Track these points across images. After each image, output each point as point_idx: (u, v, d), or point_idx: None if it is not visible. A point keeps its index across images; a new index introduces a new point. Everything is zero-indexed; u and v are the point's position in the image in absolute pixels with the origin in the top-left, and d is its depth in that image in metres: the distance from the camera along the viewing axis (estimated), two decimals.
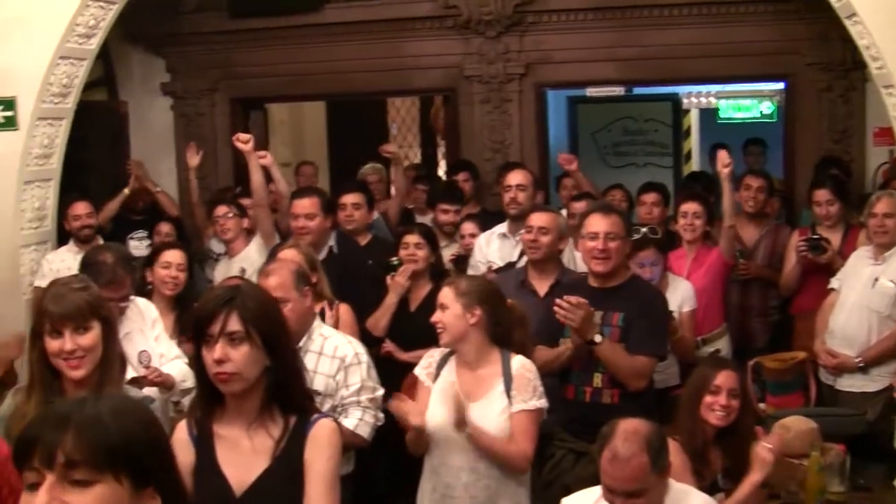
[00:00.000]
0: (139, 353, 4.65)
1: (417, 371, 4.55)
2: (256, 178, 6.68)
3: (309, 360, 4.36)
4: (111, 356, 3.48)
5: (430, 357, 4.53)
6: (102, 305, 3.49)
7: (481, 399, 4.28)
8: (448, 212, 7.25)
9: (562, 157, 8.01)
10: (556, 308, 4.68)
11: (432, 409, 4.32)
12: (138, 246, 7.51)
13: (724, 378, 4.26)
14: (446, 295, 4.37)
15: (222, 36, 9.20)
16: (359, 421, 4.40)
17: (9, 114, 6.98)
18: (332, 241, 6.39)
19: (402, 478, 5.60)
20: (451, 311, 4.31)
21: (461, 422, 4.09)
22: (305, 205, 6.25)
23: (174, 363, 4.67)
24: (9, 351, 5.17)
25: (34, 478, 1.78)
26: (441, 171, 12.47)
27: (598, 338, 4.68)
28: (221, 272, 6.78)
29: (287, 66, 9.19)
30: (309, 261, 5.10)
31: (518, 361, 4.32)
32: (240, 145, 6.74)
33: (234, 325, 2.85)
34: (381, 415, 4.53)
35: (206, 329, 2.88)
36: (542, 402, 4.31)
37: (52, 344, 3.38)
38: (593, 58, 8.82)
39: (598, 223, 4.94)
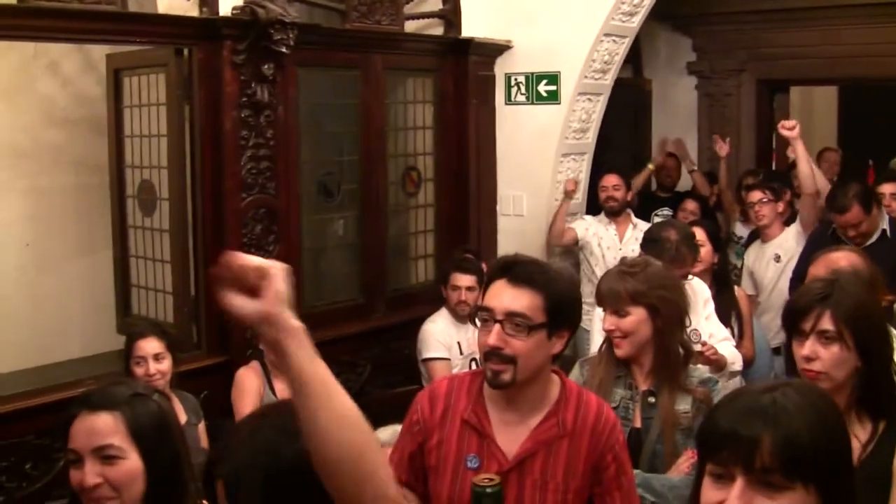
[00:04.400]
0: (690, 331, 4.66)
1: None
2: (803, 166, 6.46)
3: None
4: (662, 342, 3.55)
5: None
6: (649, 293, 3.54)
7: None
8: None
9: None
10: None
11: None
12: None
13: None
14: None
15: (753, 15, 9.08)
16: None
17: (552, 88, 7.27)
18: (885, 224, 6.00)
19: None
20: None
21: None
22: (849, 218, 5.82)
23: (723, 344, 4.65)
24: None
25: (719, 470, 1.69)
26: None
27: None
28: (752, 256, 6.72)
29: (817, 48, 8.92)
30: None
31: None
32: (785, 132, 6.49)
33: (827, 323, 2.76)
34: None
35: (799, 323, 2.82)
36: None
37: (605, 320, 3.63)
38: None
39: None
